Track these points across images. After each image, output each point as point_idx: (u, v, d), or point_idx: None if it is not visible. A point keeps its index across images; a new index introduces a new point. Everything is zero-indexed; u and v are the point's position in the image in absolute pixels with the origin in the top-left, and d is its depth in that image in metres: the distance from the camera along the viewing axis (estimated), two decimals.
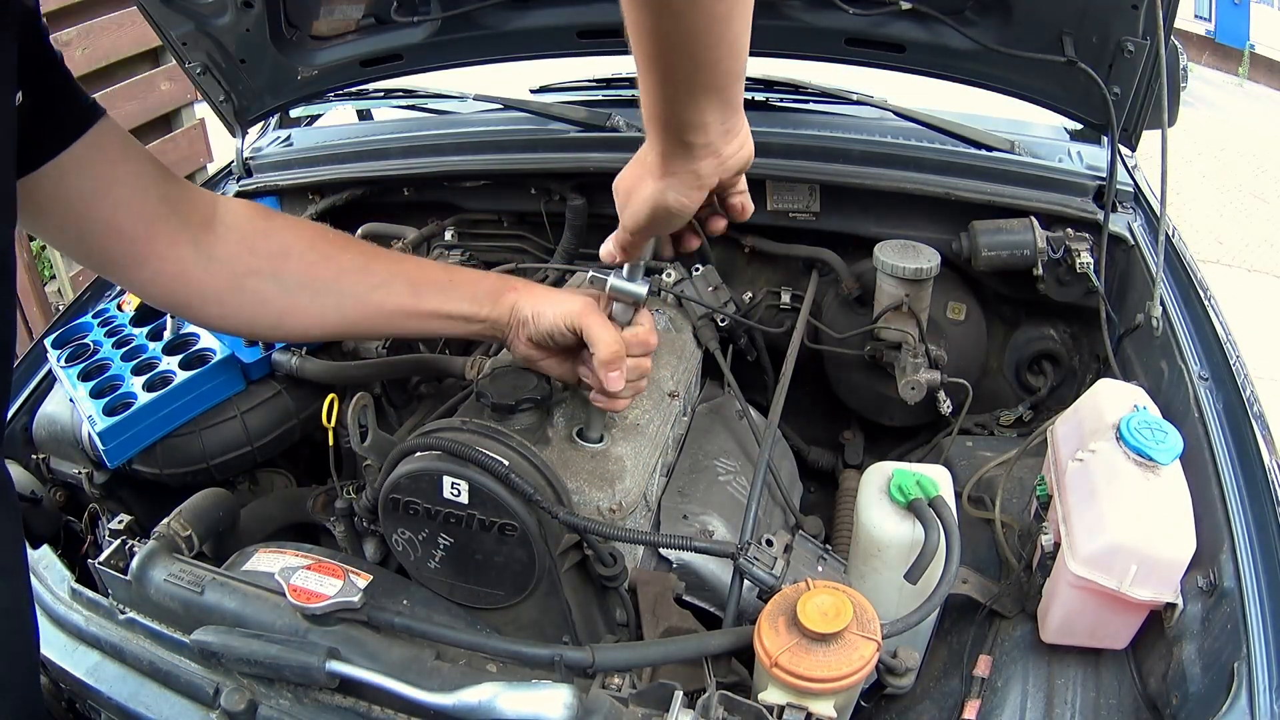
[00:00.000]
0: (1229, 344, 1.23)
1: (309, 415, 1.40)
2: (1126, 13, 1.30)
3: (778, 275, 1.77)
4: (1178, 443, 0.96)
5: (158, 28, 1.59)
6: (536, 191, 1.79)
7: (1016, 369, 1.68)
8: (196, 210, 0.94)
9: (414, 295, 1.02)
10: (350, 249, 1.04)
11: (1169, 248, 1.42)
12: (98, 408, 1.24)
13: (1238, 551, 0.93)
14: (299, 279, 0.99)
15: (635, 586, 1.09)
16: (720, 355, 1.49)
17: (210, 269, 0.94)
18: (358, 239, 1.07)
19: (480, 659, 0.94)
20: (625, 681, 0.88)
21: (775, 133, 1.66)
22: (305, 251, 1.00)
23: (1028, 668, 1.01)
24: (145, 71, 3.71)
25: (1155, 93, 1.38)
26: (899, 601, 1.03)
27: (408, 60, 1.75)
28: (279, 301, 0.99)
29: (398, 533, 1.03)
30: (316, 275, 1.00)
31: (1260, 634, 0.86)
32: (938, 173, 1.55)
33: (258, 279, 0.97)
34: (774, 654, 0.79)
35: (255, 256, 0.97)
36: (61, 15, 3.33)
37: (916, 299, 1.48)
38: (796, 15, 1.54)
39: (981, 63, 1.49)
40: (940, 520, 0.96)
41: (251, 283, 0.97)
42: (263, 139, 2.01)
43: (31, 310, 3.45)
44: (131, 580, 1.03)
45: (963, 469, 1.36)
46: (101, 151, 0.86)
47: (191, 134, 4.02)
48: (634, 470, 1.10)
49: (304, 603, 0.89)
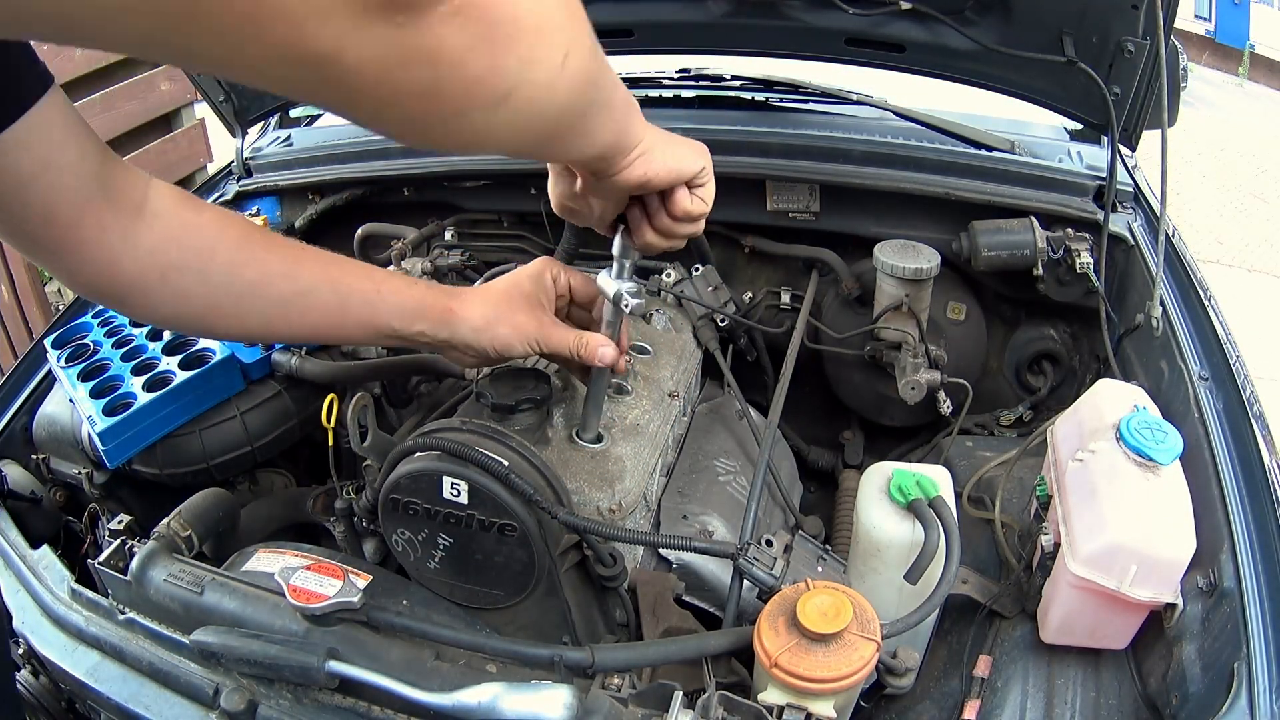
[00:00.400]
0: (1229, 344, 1.23)
1: (309, 415, 1.40)
2: (1126, 13, 1.30)
3: (778, 275, 1.77)
4: (1178, 443, 0.96)
5: None
6: (536, 191, 1.79)
7: (1016, 369, 1.68)
8: (128, 195, 0.87)
9: (340, 306, 0.96)
10: (278, 251, 0.96)
11: (1169, 248, 1.42)
12: (98, 408, 1.24)
13: (1238, 551, 0.93)
14: (223, 280, 0.93)
15: (635, 587, 1.09)
16: (720, 355, 1.49)
17: (137, 259, 0.88)
18: (292, 240, 1.00)
19: (480, 659, 0.94)
20: (625, 682, 0.88)
21: (775, 133, 1.66)
22: (231, 250, 0.93)
23: (1028, 668, 1.01)
24: (145, 71, 3.71)
25: (1155, 93, 1.38)
26: (899, 601, 1.03)
27: None
28: (203, 300, 0.93)
29: (397, 533, 1.03)
30: (240, 277, 0.93)
31: (1260, 634, 0.86)
32: (938, 173, 1.55)
33: (182, 274, 0.90)
34: (774, 654, 0.79)
35: (182, 250, 0.90)
36: None
37: (916, 299, 1.48)
38: (796, 15, 1.54)
39: (981, 63, 1.49)
40: (940, 520, 0.96)
41: (175, 276, 0.90)
42: (263, 139, 2.01)
43: (31, 310, 3.45)
44: (131, 580, 1.03)
45: (963, 469, 1.36)
46: (45, 131, 0.78)
47: (191, 134, 4.01)
48: (634, 470, 1.10)
49: (304, 603, 0.89)
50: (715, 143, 1.63)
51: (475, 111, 0.56)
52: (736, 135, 1.67)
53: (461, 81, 0.53)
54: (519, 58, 0.55)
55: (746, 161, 1.62)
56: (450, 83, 0.53)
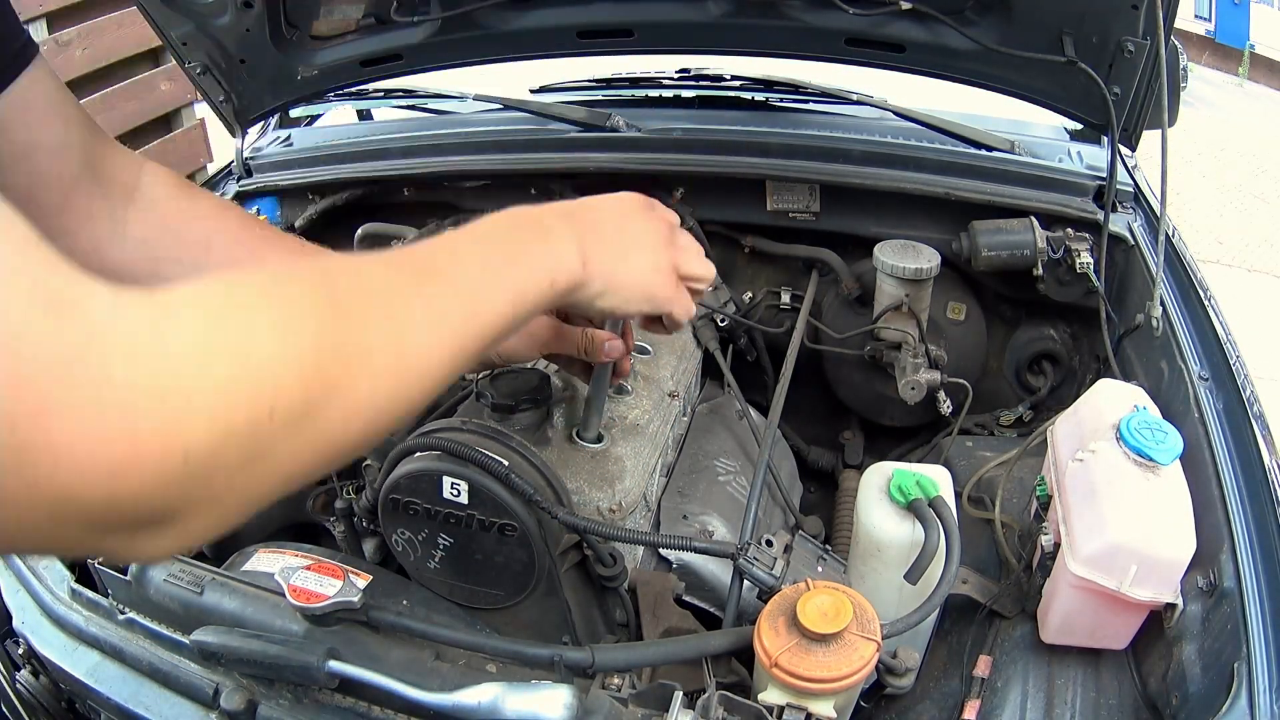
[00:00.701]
0: (1229, 344, 1.22)
1: None
2: (1126, 13, 1.30)
3: (778, 275, 1.77)
4: (1178, 443, 0.96)
5: (158, 28, 1.59)
6: (536, 191, 1.79)
7: (1016, 369, 1.68)
8: (118, 179, 0.83)
9: None
10: (277, 247, 0.91)
11: (1169, 248, 1.42)
12: None
13: (1238, 551, 0.93)
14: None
15: (635, 586, 1.09)
16: (720, 355, 1.49)
17: (126, 248, 0.82)
18: (289, 235, 0.94)
19: (480, 659, 0.94)
20: (625, 682, 0.88)
21: (775, 133, 1.66)
22: (229, 245, 0.88)
23: (1028, 668, 1.01)
24: (145, 71, 3.71)
25: (1155, 93, 1.38)
26: (899, 601, 1.03)
27: (408, 60, 1.75)
28: None
29: (397, 533, 1.03)
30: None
31: (1260, 634, 0.86)
32: (938, 173, 1.55)
33: (177, 266, 0.85)
34: (774, 654, 0.79)
35: (176, 242, 0.85)
36: (61, 15, 3.33)
37: (916, 299, 1.48)
38: (796, 15, 1.54)
39: (981, 63, 1.49)
40: (940, 520, 0.96)
41: (169, 269, 0.84)
42: (263, 139, 2.01)
43: None
44: (131, 580, 1.03)
45: (963, 469, 1.36)
46: (27, 111, 0.72)
47: (191, 134, 4.02)
48: (634, 470, 1.10)
49: (304, 603, 0.89)
50: (715, 143, 1.66)
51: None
52: (736, 135, 1.67)
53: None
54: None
55: (746, 161, 1.62)
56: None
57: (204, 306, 0.42)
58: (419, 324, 0.54)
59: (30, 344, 0.34)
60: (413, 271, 0.57)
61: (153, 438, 0.37)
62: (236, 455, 0.41)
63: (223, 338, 0.41)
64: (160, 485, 0.38)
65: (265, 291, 0.46)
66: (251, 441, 0.42)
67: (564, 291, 0.70)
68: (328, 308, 0.48)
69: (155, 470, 0.38)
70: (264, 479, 0.44)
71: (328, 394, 0.46)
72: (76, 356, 0.36)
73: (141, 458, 0.37)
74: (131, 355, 0.38)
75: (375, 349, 0.50)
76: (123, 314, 0.39)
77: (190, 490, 0.40)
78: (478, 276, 0.61)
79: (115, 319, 0.38)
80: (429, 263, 0.59)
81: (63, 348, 0.35)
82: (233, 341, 0.42)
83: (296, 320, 0.45)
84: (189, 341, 0.40)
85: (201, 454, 0.39)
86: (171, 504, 0.40)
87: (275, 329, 0.44)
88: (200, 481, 0.40)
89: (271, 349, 0.43)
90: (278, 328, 0.44)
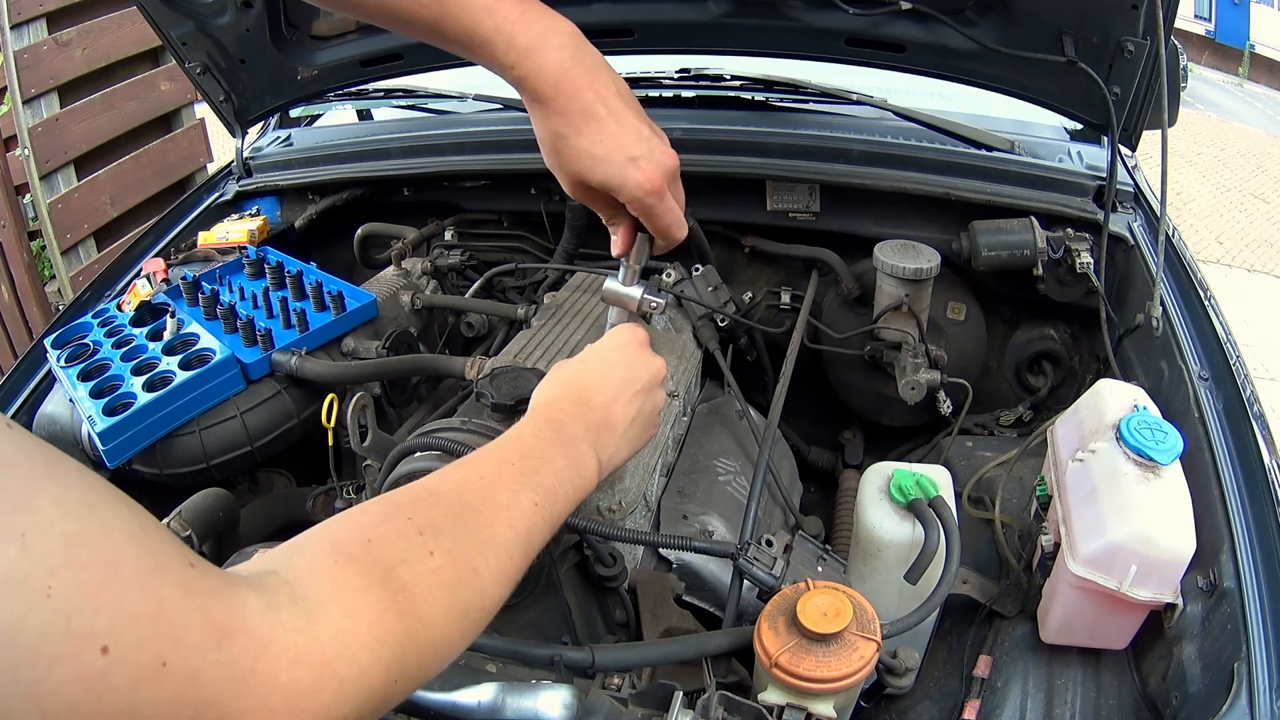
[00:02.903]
0: (1229, 344, 1.22)
1: (309, 415, 1.40)
2: (1126, 13, 1.30)
3: (778, 275, 1.77)
4: (1178, 443, 0.96)
5: (158, 28, 1.60)
6: (536, 191, 1.79)
7: (1016, 369, 1.68)
8: None
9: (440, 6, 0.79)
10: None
11: (1169, 248, 1.42)
12: (97, 408, 1.24)
13: (1238, 551, 0.93)
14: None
15: (635, 586, 1.09)
16: (720, 355, 1.49)
17: None
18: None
19: (480, 659, 0.94)
20: (625, 681, 0.88)
21: (775, 133, 1.66)
22: None
23: (1028, 668, 1.01)
24: (145, 71, 3.70)
25: (1155, 93, 1.38)
26: (899, 601, 1.03)
27: (408, 60, 1.75)
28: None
29: None
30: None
31: (1260, 634, 0.86)
32: (938, 173, 1.55)
33: None
34: (774, 654, 0.79)
35: None
36: (61, 15, 3.33)
37: (916, 299, 1.48)
38: (796, 15, 1.54)
39: (981, 62, 1.49)
40: (940, 520, 0.96)
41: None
42: (263, 139, 2.01)
43: (31, 310, 3.45)
44: None
45: (963, 469, 1.36)
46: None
47: (191, 134, 4.01)
48: (634, 470, 1.10)
49: None
50: (715, 143, 1.66)
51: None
52: (736, 135, 1.67)
53: None
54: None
55: (746, 161, 1.62)
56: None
57: (338, 607, 0.49)
58: (486, 577, 0.61)
59: (210, 676, 0.41)
60: (454, 532, 0.61)
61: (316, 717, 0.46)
62: (370, 713, 0.51)
63: (356, 635, 0.49)
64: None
65: (357, 590, 0.52)
66: (382, 702, 0.51)
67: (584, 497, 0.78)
68: (403, 607, 0.54)
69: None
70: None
71: (414, 670, 0.54)
72: (249, 672, 0.42)
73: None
74: (295, 661, 0.45)
75: (438, 621, 0.56)
76: (279, 623, 0.45)
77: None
78: (509, 501, 0.67)
79: (275, 630, 0.45)
80: (464, 500, 0.65)
81: (236, 668, 0.42)
82: (365, 639, 0.49)
83: (386, 622, 0.52)
84: (334, 640, 0.47)
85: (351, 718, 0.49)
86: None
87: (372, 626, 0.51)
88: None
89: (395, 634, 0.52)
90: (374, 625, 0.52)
